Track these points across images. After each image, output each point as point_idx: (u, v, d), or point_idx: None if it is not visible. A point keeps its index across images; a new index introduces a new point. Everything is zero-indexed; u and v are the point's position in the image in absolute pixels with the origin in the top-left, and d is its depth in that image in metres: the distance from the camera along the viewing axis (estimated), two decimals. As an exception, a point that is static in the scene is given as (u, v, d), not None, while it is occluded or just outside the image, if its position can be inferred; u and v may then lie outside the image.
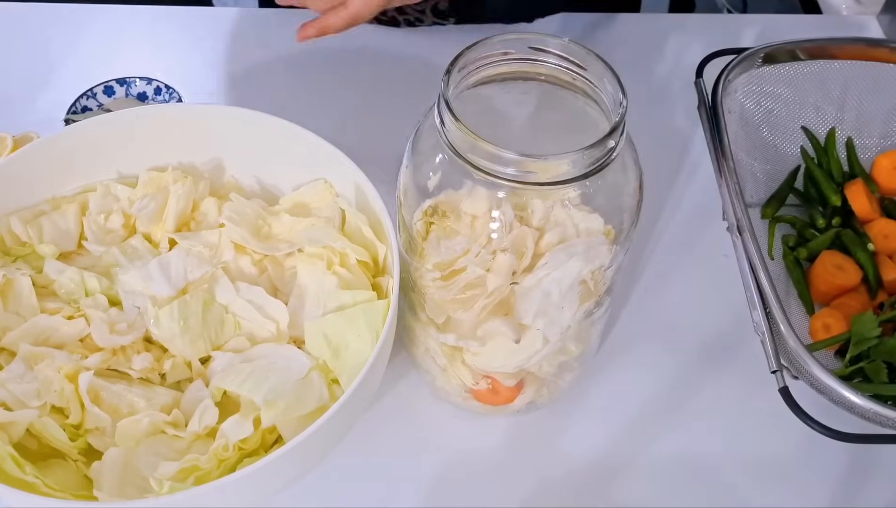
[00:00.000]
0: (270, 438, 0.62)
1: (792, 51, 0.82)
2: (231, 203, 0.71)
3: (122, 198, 0.73)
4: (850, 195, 0.79)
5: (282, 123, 0.70)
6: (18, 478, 0.56)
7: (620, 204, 0.56)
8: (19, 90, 0.92)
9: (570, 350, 0.63)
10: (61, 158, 0.71)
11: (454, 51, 0.54)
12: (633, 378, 0.73)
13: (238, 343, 0.67)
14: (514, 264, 0.55)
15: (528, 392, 0.65)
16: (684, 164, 0.88)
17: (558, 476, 0.68)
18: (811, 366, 0.62)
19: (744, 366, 0.73)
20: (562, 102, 0.56)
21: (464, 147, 0.51)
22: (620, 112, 0.51)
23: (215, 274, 0.68)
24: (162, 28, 1.00)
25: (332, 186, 0.72)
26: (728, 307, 0.77)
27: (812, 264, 0.77)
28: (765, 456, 0.69)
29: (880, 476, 0.68)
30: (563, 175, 0.51)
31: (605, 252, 0.56)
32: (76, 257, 0.71)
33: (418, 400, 0.71)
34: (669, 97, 0.94)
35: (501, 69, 0.56)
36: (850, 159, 0.83)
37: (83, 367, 0.63)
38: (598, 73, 0.54)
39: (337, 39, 0.98)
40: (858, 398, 0.60)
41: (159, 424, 0.61)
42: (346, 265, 0.68)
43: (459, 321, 0.60)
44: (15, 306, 0.66)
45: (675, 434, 0.70)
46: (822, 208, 0.81)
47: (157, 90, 0.89)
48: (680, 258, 0.81)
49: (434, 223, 0.57)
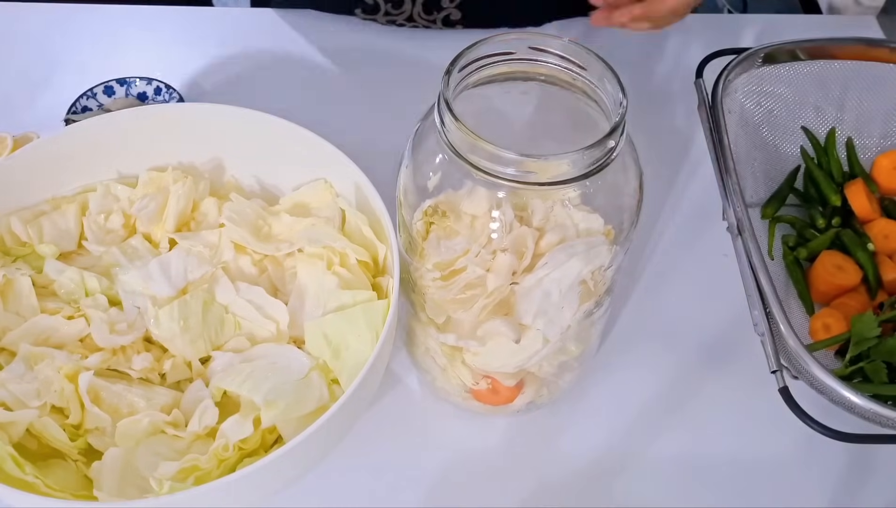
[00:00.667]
0: (270, 438, 0.62)
1: (792, 51, 0.82)
2: (231, 203, 0.72)
3: (122, 198, 0.73)
4: (850, 195, 0.79)
5: (282, 123, 0.70)
6: (18, 478, 0.56)
7: (620, 204, 0.56)
8: (19, 90, 0.92)
9: (570, 350, 0.63)
10: (61, 158, 0.71)
11: (454, 51, 0.54)
12: (632, 378, 0.73)
13: (238, 343, 0.67)
14: (514, 264, 0.55)
15: (528, 392, 0.65)
16: (684, 164, 0.88)
17: (558, 476, 0.68)
18: (811, 366, 0.61)
19: (743, 366, 0.73)
20: (562, 103, 0.56)
21: (464, 147, 0.51)
22: (620, 112, 0.51)
23: (215, 274, 0.68)
24: (162, 28, 1.00)
25: (332, 186, 0.72)
26: (728, 307, 0.77)
27: (812, 264, 0.77)
28: (764, 456, 0.69)
29: (880, 476, 0.68)
30: (563, 175, 0.51)
31: (605, 252, 0.56)
32: (76, 257, 0.71)
33: (418, 400, 0.71)
34: (669, 97, 0.94)
35: (501, 69, 0.56)
36: (850, 159, 0.83)
37: (83, 367, 0.63)
38: (598, 73, 0.54)
39: (337, 40, 0.98)
40: (858, 398, 0.60)
41: (159, 424, 0.61)
42: (346, 265, 0.68)
43: (459, 321, 0.59)
44: (15, 306, 0.66)
45: (675, 434, 0.70)
46: (821, 208, 0.81)
47: (157, 90, 0.89)
48: (680, 258, 0.81)
49: (434, 223, 0.57)
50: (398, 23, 0.98)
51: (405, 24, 0.98)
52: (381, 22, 0.98)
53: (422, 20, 0.97)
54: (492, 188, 0.54)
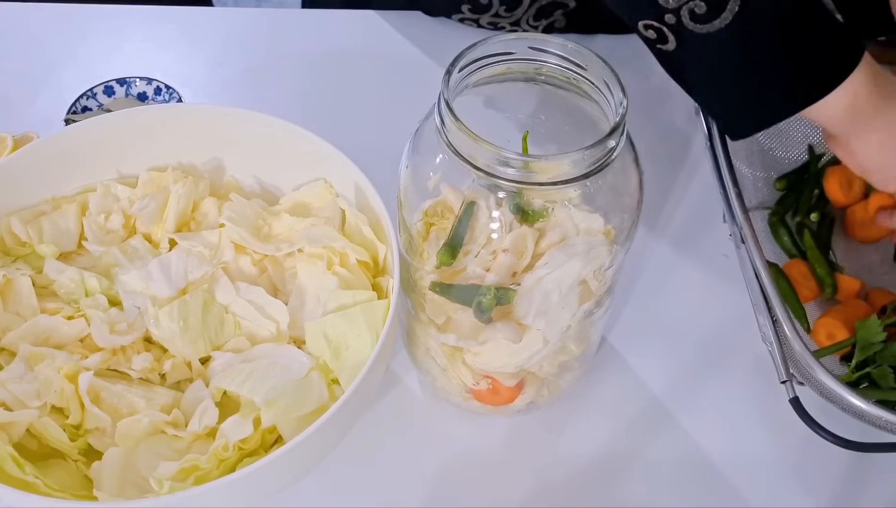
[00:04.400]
0: (270, 438, 0.62)
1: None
2: (231, 203, 0.71)
3: (123, 198, 0.73)
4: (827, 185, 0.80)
5: (282, 123, 0.70)
6: (18, 478, 0.56)
7: (621, 204, 0.56)
8: (19, 90, 0.92)
9: (571, 350, 0.63)
10: (61, 158, 0.71)
11: (455, 51, 0.54)
12: (633, 378, 0.73)
13: (238, 343, 0.67)
14: (514, 264, 0.55)
15: (529, 392, 0.65)
16: (684, 163, 0.88)
17: (558, 476, 0.68)
18: (818, 372, 0.61)
19: (744, 366, 0.73)
20: (562, 103, 0.56)
21: (464, 147, 0.51)
22: (621, 112, 0.51)
23: (215, 274, 0.68)
24: (162, 28, 1.00)
25: (332, 186, 0.72)
26: (728, 308, 0.77)
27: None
28: (764, 456, 0.69)
29: (881, 477, 0.68)
30: (564, 175, 0.51)
31: (605, 252, 0.56)
32: (76, 257, 0.71)
33: (419, 400, 0.71)
34: (670, 97, 0.94)
35: (502, 69, 0.56)
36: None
37: (83, 367, 0.63)
38: (598, 73, 0.54)
39: (337, 39, 0.98)
40: (866, 405, 0.60)
41: (159, 424, 0.61)
42: (346, 265, 0.68)
43: (460, 322, 0.59)
44: (15, 306, 0.66)
45: (675, 435, 0.70)
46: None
47: (157, 90, 0.89)
48: (680, 258, 0.81)
49: (434, 224, 0.57)
50: (499, 26, 0.97)
51: (507, 27, 0.97)
52: (482, 24, 0.97)
53: (528, 26, 0.96)
54: (492, 188, 0.53)
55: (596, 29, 0.98)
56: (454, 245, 0.55)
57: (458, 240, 0.55)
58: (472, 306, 0.57)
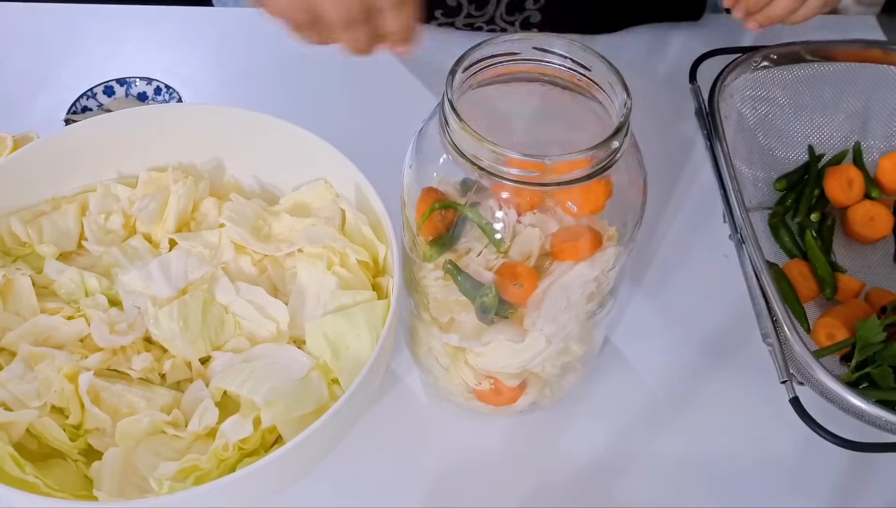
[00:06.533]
0: (270, 438, 0.62)
1: (790, 52, 0.82)
2: (231, 203, 0.71)
3: (122, 198, 0.72)
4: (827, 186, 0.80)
5: (282, 123, 0.70)
6: (18, 478, 0.56)
7: (624, 205, 0.55)
8: (19, 90, 0.92)
9: (573, 351, 0.63)
10: (61, 158, 0.71)
11: (458, 51, 0.54)
12: (634, 379, 0.73)
13: (238, 343, 0.67)
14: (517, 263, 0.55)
15: (531, 393, 0.65)
16: (686, 164, 0.88)
17: (560, 477, 0.68)
18: (818, 372, 0.61)
19: (745, 366, 0.73)
20: (566, 103, 0.56)
21: (468, 148, 0.51)
22: (625, 113, 0.51)
23: (215, 274, 0.68)
24: (162, 28, 1.00)
25: (332, 187, 0.72)
26: (729, 308, 0.77)
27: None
28: (764, 456, 0.69)
29: (881, 477, 0.68)
30: (568, 176, 0.51)
31: (610, 254, 0.56)
32: (76, 257, 0.71)
33: (419, 400, 0.71)
34: (671, 98, 0.94)
35: (505, 70, 0.56)
36: (857, 163, 0.83)
37: (83, 367, 0.63)
38: (602, 73, 0.54)
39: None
40: (866, 405, 0.60)
41: (159, 424, 0.61)
42: (346, 265, 0.68)
43: (463, 322, 0.59)
44: (15, 306, 0.66)
45: (677, 435, 0.70)
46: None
47: (157, 90, 0.89)
48: (682, 259, 0.81)
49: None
50: (476, 26, 0.97)
51: (483, 27, 0.97)
52: (458, 26, 0.97)
53: (503, 22, 0.96)
54: (496, 189, 0.53)
55: (571, 25, 0.97)
56: (444, 243, 0.55)
57: (451, 239, 0.55)
58: (475, 307, 0.57)
